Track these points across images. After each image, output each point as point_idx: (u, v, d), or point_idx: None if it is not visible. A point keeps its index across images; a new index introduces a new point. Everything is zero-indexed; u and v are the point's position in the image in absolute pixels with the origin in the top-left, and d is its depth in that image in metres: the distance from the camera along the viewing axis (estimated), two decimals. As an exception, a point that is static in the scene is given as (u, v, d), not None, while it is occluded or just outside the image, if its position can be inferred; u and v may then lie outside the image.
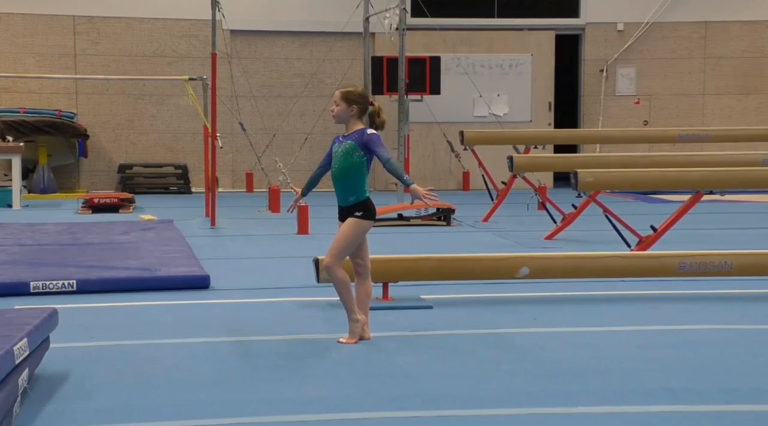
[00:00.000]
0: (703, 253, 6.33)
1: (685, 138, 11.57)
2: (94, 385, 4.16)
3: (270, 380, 4.27)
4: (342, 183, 4.89)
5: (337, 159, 4.90)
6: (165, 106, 14.98)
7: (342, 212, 4.92)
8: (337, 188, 4.91)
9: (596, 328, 5.34)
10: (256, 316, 5.72)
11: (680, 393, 4.07)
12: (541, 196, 10.36)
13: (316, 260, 5.91)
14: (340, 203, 4.92)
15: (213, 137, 10.19)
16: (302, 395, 4.04)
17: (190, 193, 14.47)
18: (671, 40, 15.60)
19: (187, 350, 4.82)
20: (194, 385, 4.20)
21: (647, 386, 4.17)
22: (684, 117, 15.55)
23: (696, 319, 5.60)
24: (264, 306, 6.03)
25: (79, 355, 4.68)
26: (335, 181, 4.92)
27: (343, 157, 4.87)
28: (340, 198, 4.91)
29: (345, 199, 4.89)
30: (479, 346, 4.90)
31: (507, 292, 6.38)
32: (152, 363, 4.55)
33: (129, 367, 4.47)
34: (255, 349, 4.84)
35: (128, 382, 4.23)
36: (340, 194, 4.90)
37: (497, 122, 14.69)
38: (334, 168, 4.90)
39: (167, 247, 8.00)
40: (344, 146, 4.88)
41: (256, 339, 5.05)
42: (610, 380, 4.28)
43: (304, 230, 9.52)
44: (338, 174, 4.89)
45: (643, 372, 4.40)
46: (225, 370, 4.43)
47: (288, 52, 15.21)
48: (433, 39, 15.12)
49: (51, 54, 14.66)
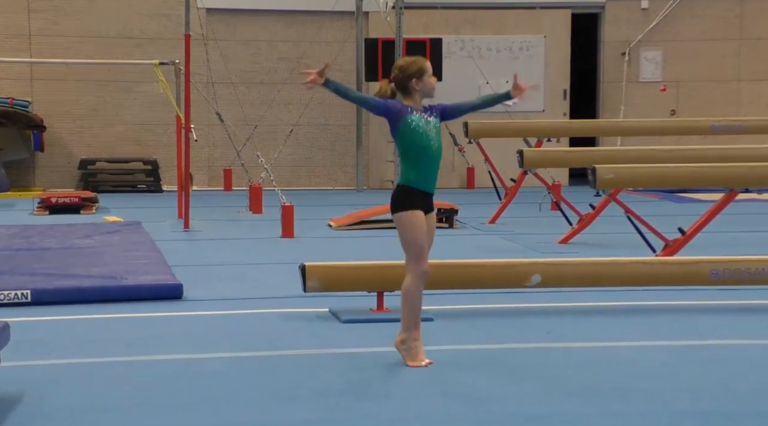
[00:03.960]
0: (737, 259, 6.35)
1: (717, 129, 11.59)
2: (52, 409, 4.16)
3: (252, 402, 4.27)
4: (438, 164, 4.82)
5: (433, 136, 4.80)
6: (132, 94, 14.98)
7: (429, 202, 4.81)
8: (434, 169, 4.81)
9: (617, 343, 5.35)
10: (236, 329, 5.72)
11: (712, 417, 4.08)
12: (555, 195, 10.36)
13: (302, 267, 5.92)
14: (430, 189, 4.80)
15: (187, 129, 10.18)
16: (291, 418, 4.04)
17: (161, 192, 14.47)
18: (702, 19, 15.63)
19: (158, 369, 4.82)
20: (166, 408, 4.20)
21: (674, 409, 4.18)
22: (716, 106, 15.58)
23: (729, 334, 5.61)
24: (244, 318, 6.03)
25: (35, 374, 4.67)
26: (435, 161, 4.80)
27: (437, 134, 4.83)
28: (432, 183, 4.81)
29: (434, 185, 4.84)
30: (484, 363, 4.90)
31: (516, 303, 6.39)
32: (119, 383, 4.54)
33: (92, 389, 4.47)
34: (234, 367, 4.84)
35: (91, 405, 4.22)
36: (434, 178, 4.82)
37: (506, 112, 14.70)
38: (433, 145, 4.79)
39: (135, 253, 7.99)
40: (434, 122, 4.84)
41: (235, 355, 5.05)
42: (632, 402, 4.28)
43: (289, 233, 9.53)
44: (439, 152, 4.82)
45: (670, 393, 4.41)
46: (201, 392, 4.43)
47: (271, 33, 15.22)
48: (433, 19, 15.13)
49: (1, 35, 14.65)
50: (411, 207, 4.76)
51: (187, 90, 10.25)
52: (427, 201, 4.82)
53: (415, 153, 4.79)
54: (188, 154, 10.34)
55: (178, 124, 10.83)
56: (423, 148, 4.80)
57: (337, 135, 15.34)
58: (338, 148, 15.35)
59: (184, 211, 10.29)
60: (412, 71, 4.87)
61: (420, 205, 4.78)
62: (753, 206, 11.58)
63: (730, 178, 7.98)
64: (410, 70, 4.87)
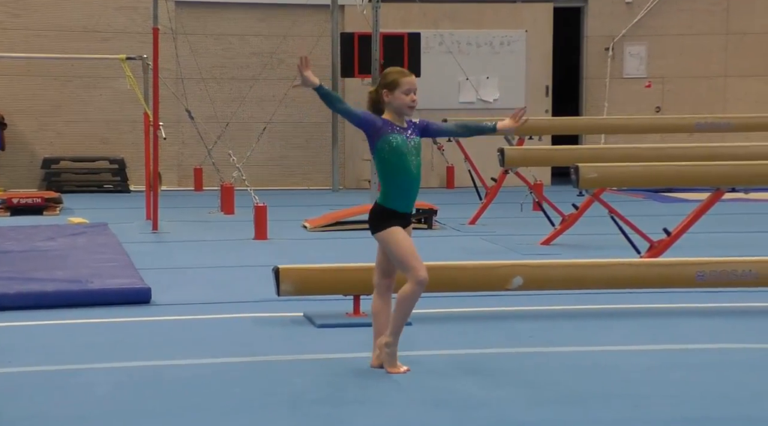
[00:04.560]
0: (724, 261, 6.39)
1: (703, 127, 11.65)
2: (13, 420, 4.13)
3: (224, 410, 4.26)
4: (417, 185, 4.84)
5: (413, 155, 4.81)
6: (98, 91, 14.90)
7: (406, 219, 4.84)
8: (414, 190, 4.84)
9: (601, 348, 5.37)
10: (206, 335, 5.70)
11: (698, 423, 4.10)
12: (537, 195, 10.39)
13: (276, 269, 5.91)
14: (407, 210, 4.83)
15: (155, 127, 10.14)
16: (259, 428, 4.03)
17: (128, 192, 14.41)
18: (688, 14, 15.73)
19: (125, 376, 4.79)
20: (133, 417, 4.18)
21: (660, 415, 4.20)
22: (702, 103, 15.68)
23: (717, 337, 5.64)
24: (215, 323, 6.01)
25: (-3, 382, 4.64)
26: (414, 182, 4.82)
27: (418, 154, 4.83)
28: (410, 203, 4.84)
29: (413, 205, 4.87)
30: (464, 369, 4.91)
31: (497, 306, 6.40)
32: (84, 392, 4.51)
33: (56, 397, 4.44)
34: (205, 374, 4.82)
35: (55, 415, 4.19)
36: (413, 199, 4.85)
37: (486, 109, 14.74)
38: (412, 167, 4.79)
39: (101, 255, 7.96)
40: (415, 141, 4.83)
41: (205, 362, 5.03)
42: (617, 408, 4.30)
43: (263, 235, 9.51)
44: (418, 173, 4.83)
45: (656, 398, 4.43)
46: (170, 400, 4.41)
47: (243, 27, 15.18)
48: (411, 12, 15.14)
49: (-39, 28, 14.55)
50: (389, 225, 4.77)
51: (156, 86, 10.21)
52: (404, 219, 4.83)
53: (392, 173, 4.79)
54: (157, 153, 10.30)
55: (146, 121, 10.78)
56: (401, 169, 4.79)
57: (312, 133, 15.32)
58: (313, 146, 15.33)
59: (152, 212, 10.25)
60: (386, 81, 4.82)
61: (396, 223, 4.79)
62: (740, 206, 11.65)
63: (717, 177, 8.03)
64: (385, 80, 4.83)
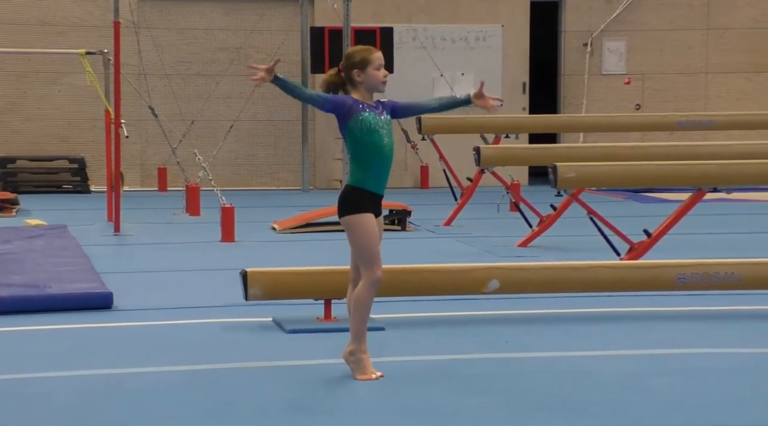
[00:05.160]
0: (706, 263, 6.42)
1: (684, 125, 11.73)
2: (-30, 429, 4.10)
3: (189, 420, 4.24)
4: (390, 164, 4.80)
5: (385, 134, 4.77)
6: (56, 87, 14.81)
7: (378, 205, 4.80)
8: (386, 170, 4.79)
9: (580, 353, 5.39)
10: (170, 341, 5.68)
11: (680, 429, 4.12)
12: (514, 195, 10.42)
13: (243, 273, 5.89)
14: (380, 191, 4.78)
15: (117, 125, 10.09)
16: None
17: (89, 193, 14.34)
18: (668, 8, 15.82)
19: (85, 385, 4.76)
20: (94, 427, 4.16)
21: (641, 423, 4.22)
22: (684, 100, 15.78)
23: (699, 342, 5.68)
24: (180, 329, 5.99)
25: (-49, 392, 4.60)
26: (387, 161, 4.78)
27: (389, 132, 4.80)
28: (383, 184, 4.79)
29: (385, 187, 4.81)
30: (439, 375, 4.91)
31: (473, 310, 6.41)
32: (42, 401, 4.48)
33: (12, 408, 4.40)
34: (169, 383, 4.80)
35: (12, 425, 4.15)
36: (386, 179, 4.80)
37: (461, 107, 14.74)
38: (386, 144, 4.76)
39: (60, 259, 7.92)
40: (385, 119, 4.80)
41: (170, 370, 5.01)
42: (597, 415, 4.31)
43: (230, 237, 9.49)
44: (391, 151, 4.78)
45: (637, 405, 4.45)
46: (132, 410, 4.39)
47: (209, 21, 15.14)
48: (384, 6, 15.15)
49: None
50: (361, 209, 4.74)
51: (117, 82, 10.16)
52: (377, 204, 4.81)
53: (366, 152, 4.76)
54: (118, 152, 10.25)
55: (107, 119, 10.72)
56: (375, 147, 4.77)
57: (282, 131, 15.29)
58: (282, 145, 15.30)
59: (114, 214, 10.20)
60: (355, 61, 4.83)
61: (370, 208, 4.76)
62: (722, 206, 11.73)
63: (698, 176, 8.08)
64: (353, 60, 4.84)
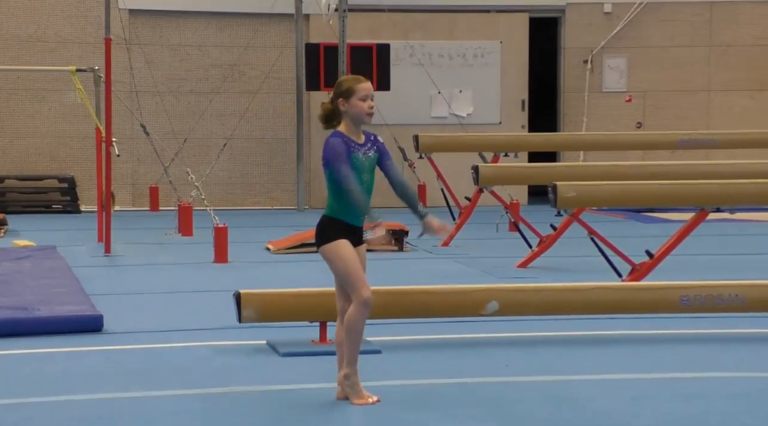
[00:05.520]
0: (709, 284, 6.42)
1: (686, 143, 11.76)
2: (-45, 456, 4.08)
3: (178, 446, 4.23)
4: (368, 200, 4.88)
5: (366, 172, 4.86)
6: (46, 104, 14.82)
7: (358, 234, 4.88)
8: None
9: (580, 377, 5.38)
10: (162, 365, 5.66)
11: (683, 455, 4.11)
12: (513, 215, 10.42)
13: (237, 294, 5.88)
14: (356, 223, 4.86)
15: (108, 143, 10.10)
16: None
17: (79, 213, 14.33)
18: (670, 24, 15.88)
19: (73, 411, 4.74)
20: (83, 453, 4.14)
21: (643, 447, 4.21)
22: (686, 118, 15.82)
23: (703, 366, 5.67)
24: (172, 352, 5.97)
25: (-64, 417, 4.59)
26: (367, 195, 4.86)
27: (371, 171, 4.89)
28: (359, 217, 4.87)
29: (362, 220, 4.90)
30: (437, 400, 4.89)
31: (471, 333, 6.40)
32: (29, 426, 4.47)
33: (-1, 433, 4.40)
34: (161, 408, 4.78)
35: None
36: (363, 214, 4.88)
37: (459, 124, 14.79)
38: (364, 179, 4.83)
39: (49, 281, 7.91)
40: (370, 158, 4.86)
41: (161, 394, 4.99)
42: (598, 441, 4.31)
43: (223, 258, 9.48)
44: (369, 189, 4.86)
45: (639, 430, 4.44)
46: (122, 435, 4.38)
47: (202, 37, 15.17)
48: (380, 22, 15.19)
49: None
50: (335, 237, 4.80)
51: (108, 99, 10.17)
52: (353, 233, 4.85)
53: (343, 191, 4.79)
54: (109, 171, 10.25)
55: (98, 137, 10.73)
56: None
57: (276, 149, 15.30)
58: (277, 163, 15.31)
59: (104, 234, 10.19)
60: (341, 90, 4.84)
61: (345, 236, 4.81)
62: (725, 227, 11.75)
63: (701, 196, 8.09)
64: (339, 89, 4.86)
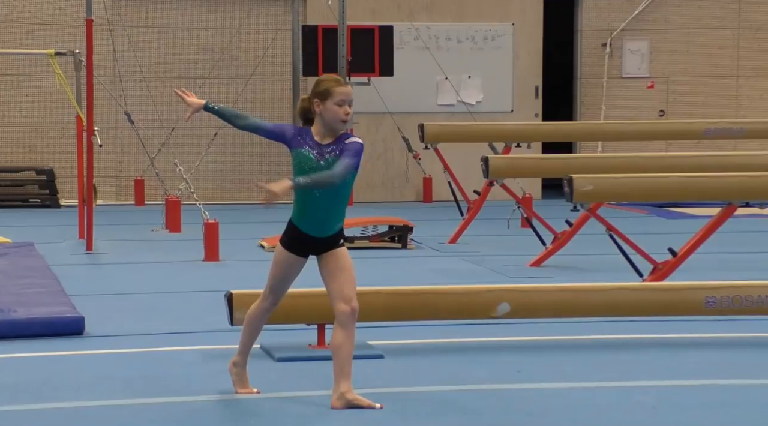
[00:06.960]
0: (737, 285, 6.42)
1: (713, 133, 11.75)
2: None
3: (166, 457, 4.24)
4: (336, 207, 4.85)
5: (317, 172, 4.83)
6: (23, 90, 14.83)
7: (318, 244, 4.87)
8: (322, 214, 4.84)
9: (598, 384, 5.39)
10: (148, 371, 5.67)
11: (708, 467, 4.13)
12: (526, 210, 10.43)
13: (228, 295, 5.89)
14: (318, 234, 4.85)
15: (89, 132, 10.10)
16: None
17: (59, 207, 14.35)
18: (695, 5, 15.86)
19: (53, 418, 4.75)
20: (63, 464, 4.16)
21: (665, 459, 4.22)
22: (712, 105, 15.81)
23: (729, 372, 5.67)
24: (158, 357, 5.98)
25: None
26: (315, 208, 4.83)
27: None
28: (325, 226, 4.85)
29: (332, 227, 4.87)
30: (444, 408, 4.90)
31: (481, 336, 6.41)
32: (5, 436, 4.50)
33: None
34: (146, 416, 4.79)
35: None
36: (328, 222, 4.85)
37: (468, 113, 14.79)
38: (315, 191, 4.81)
39: (26, 280, 7.92)
40: (329, 160, 4.82)
41: (146, 402, 5.00)
42: (616, 452, 4.32)
43: (214, 255, 9.49)
44: (322, 200, 4.82)
45: (660, 440, 4.46)
46: (105, 445, 4.39)
47: (191, 19, 15.17)
48: (383, 3, 15.19)
49: None
50: (282, 242, 4.92)
51: (90, 85, 10.17)
52: (308, 243, 4.87)
53: (295, 191, 4.81)
54: (91, 162, 10.26)
55: (79, 126, 10.74)
56: (301, 192, 4.83)
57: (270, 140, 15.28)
58: (271, 155, 15.31)
59: (86, 230, 10.20)
60: (319, 89, 4.86)
61: (293, 246, 4.88)
62: (754, 222, 11.74)
63: (729, 189, 8.09)
64: (317, 88, 4.87)
